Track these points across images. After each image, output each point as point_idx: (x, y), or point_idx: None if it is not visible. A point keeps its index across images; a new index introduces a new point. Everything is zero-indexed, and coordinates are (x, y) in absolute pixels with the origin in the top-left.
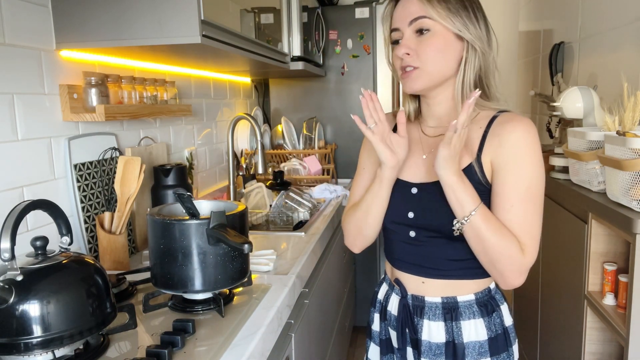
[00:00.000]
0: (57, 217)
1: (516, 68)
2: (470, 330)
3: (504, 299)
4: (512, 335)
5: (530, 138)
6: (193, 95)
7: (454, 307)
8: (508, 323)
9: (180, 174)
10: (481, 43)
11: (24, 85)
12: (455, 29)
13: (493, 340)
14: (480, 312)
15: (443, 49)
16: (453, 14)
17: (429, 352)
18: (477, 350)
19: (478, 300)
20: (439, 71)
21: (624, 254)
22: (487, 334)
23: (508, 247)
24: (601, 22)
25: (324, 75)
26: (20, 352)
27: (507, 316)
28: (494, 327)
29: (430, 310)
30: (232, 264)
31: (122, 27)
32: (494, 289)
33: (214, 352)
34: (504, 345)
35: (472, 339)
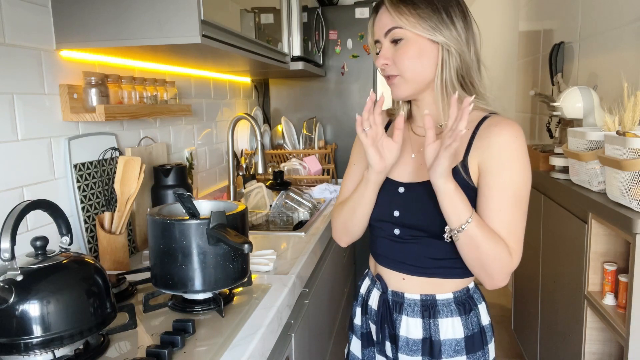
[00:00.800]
0: (57, 217)
1: (516, 68)
2: (448, 328)
3: (482, 298)
4: (489, 335)
5: (517, 142)
6: (193, 95)
7: (433, 304)
8: (485, 322)
9: (180, 174)
10: (457, 44)
11: (24, 85)
12: (427, 35)
13: (469, 339)
14: (458, 311)
15: (418, 55)
16: (423, 19)
17: (406, 348)
18: (453, 347)
19: (456, 299)
20: (418, 77)
21: (624, 254)
22: (463, 332)
23: (499, 251)
24: (601, 22)
25: (324, 75)
26: (20, 352)
27: (484, 315)
28: (471, 326)
29: (409, 307)
30: (232, 264)
31: (122, 27)
32: (473, 289)
33: (214, 352)
34: (479, 344)
35: (448, 336)
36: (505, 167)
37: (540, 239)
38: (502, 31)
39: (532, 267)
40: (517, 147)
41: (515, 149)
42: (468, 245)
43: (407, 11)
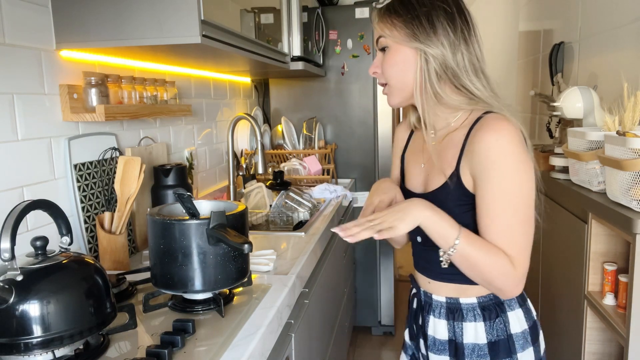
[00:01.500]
0: (57, 217)
1: (516, 68)
2: (471, 332)
3: (519, 305)
4: (520, 343)
5: (500, 146)
6: (193, 95)
7: (457, 308)
8: (515, 330)
9: (180, 174)
10: (436, 50)
11: (24, 85)
12: (404, 42)
13: (493, 345)
14: (482, 316)
15: (399, 63)
16: (400, 28)
17: (434, 347)
18: (476, 352)
19: (481, 304)
20: (402, 84)
21: (624, 254)
22: (486, 337)
23: (499, 265)
24: (601, 22)
25: (324, 75)
26: (20, 352)
27: (515, 323)
28: (496, 332)
29: (436, 308)
30: (232, 264)
31: (122, 27)
32: None
33: (214, 352)
34: (506, 352)
35: (471, 340)
36: (491, 174)
37: (540, 239)
38: (502, 31)
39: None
40: (501, 150)
41: (499, 152)
42: (464, 264)
43: (388, 20)
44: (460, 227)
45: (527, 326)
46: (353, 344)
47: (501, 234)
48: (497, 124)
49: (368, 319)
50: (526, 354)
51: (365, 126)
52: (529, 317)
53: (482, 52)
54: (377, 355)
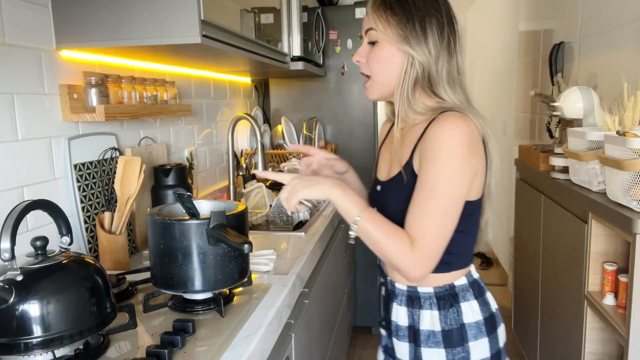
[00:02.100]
0: (57, 217)
1: (516, 68)
2: (427, 319)
3: (475, 297)
4: (472, 332)
5: (448, 137)
6: (193, 95)
7: (416, 295)
8: (468, 320)
9: (180, 174)
10: (423, 57)
11: (24, 85)
12: (395, 43)
13: (447, 333)
14: (437, 305)
15: (386, 60)
16: (395, 27)
17: (397, 334)
18: (431, 339)
19: (436, 293)
20: (385, 81)
21: (624, 254)
22: (441, 325)
23: (395, 243)
24: (601, 22)
25: (324, 75)
26: (20, 352)
27: (468, 313)
28: (449, 322)
29: (399, 295)
30: (232, 264)
31: (122, 27)
32: (461, 287)
33: (214, 352)
34: (459, 340)
35: (427, 327)
36: (429, 162)
37: (540, 239)
38: (502, 31)
39: (532, 267)
40: (443, 142)
41: (441, 143)
42: (366, 240)
43: (383, 15)
44: (366, 208)
45: (482, 317)
46: (353, 344)
47: (415, 217)
48: (450, 119)
49: (368, 319)
50: (479, 344)
51: (365, 126)
52: (485, 309)
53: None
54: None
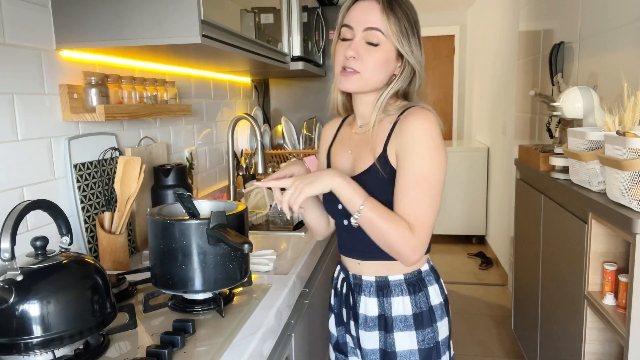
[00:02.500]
0: (57, 217)
1: (516, 68)
2: (399, 306)
3: (436, 281)
4: (438, 313)
5: (424, 129)
6: (193, 95)
7: (386, 285)
8: (434, 302)
9: (180, 174)
10: (419, 65)
11: (24, 85)
12: (402, 51)
13: (418, 316)
14: (408, 291)
15: (384, 64)
16: (404, 36)
17: (365, 325)
18: (403, 322)
19: (407, 280)
20: (374, 81)
21: (624, 254)
22: (412, 309)
23: (397, 229)
24: (601, 22)
25: (324, 75)
26: (20, 352)
27: (434, 296)
28: (420, 305)
29: (366, 288)
30: (232, 264)
31: (122, 27)
32: (425, 272)
33: (214, 352)
34: (428, 321)
35: (399, 313)
36: (412, 153)
37: (540, 239)
38: (502, 31)
39: (532, 267)
40: (423, 134)
41: (422, 136)
42: (368, 228)
43: (394, 22)
44: (367, 196)
45: (442, 299)
46: None
47: (407, 205)
48: (423, 112)
49: None
50: (443, 323)
51: None
52: (442, 291)
53: None
54: None
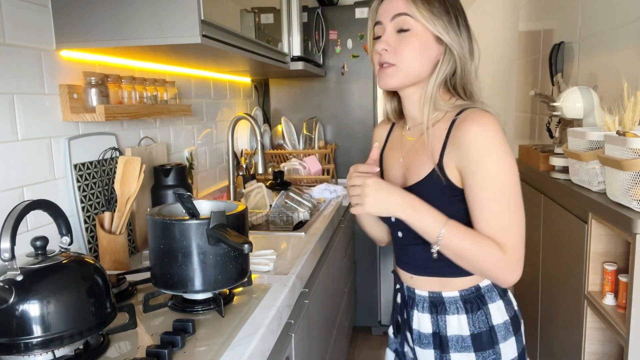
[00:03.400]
0: (57, 217)
1: (516, 68)
2: (454, 325)
3: (500, 297)
4: (502, 334)
5: (485, 136)
6: (193, 95)
7: (440, 301)
8: (496, 322)
9: (180, 174)
10: (460, 48)
11: (24, 85)
12: (435, 31)
13: (476, 337)
14: (465, 309)
15: (421, 50)
16: (435, 16)
17: (419, 341)
18: (460, 344)
19: (463, 297)
20: (414, 71)
21: (624, 254)
22: (469, 329)
23: (486, 252)
24: (601, 22)
25: (324, 75)
26: (20, 352)
27: (496, 315)
28: (478, 324)
29: (420, 303)
30: (232, 264)
31: (122, 27)
32: (486, 287)
33: (214, 352)
34: (488, 343)
35: (455, 332)
36: (478, 165)
37: (540, 239)
38: (502, 31)
39: (532, 267)
40: (486, 142)
41: (484, 143)
42: (452, 255)
43: (421, 3)
44: (446, 220)
45: (509, 317)
46: (353, 344)
47: (491, 223)
48: (481, 116)
49: (368, 319)
50: (508, 344)
51: (365, 126)
52: (509, 308)
53: None
54: (377, 355)
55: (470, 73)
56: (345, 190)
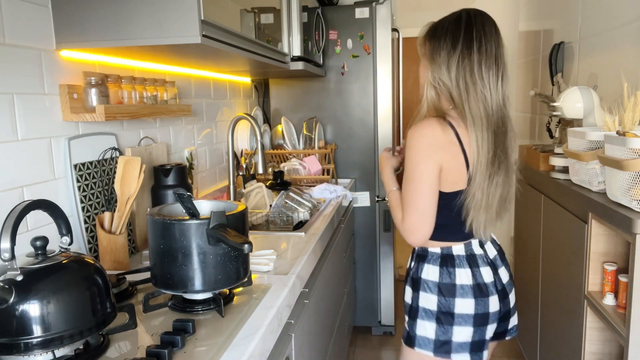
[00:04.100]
0: (57, 217)
1: (516, 68)
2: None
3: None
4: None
5: (410, 139)
6: (193, 95)
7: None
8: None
9: (180, 174)
10: (432, 79)
11: (24, 85)
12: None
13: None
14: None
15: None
16: (425, 56)
17: None
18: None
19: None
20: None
21: (624, 254)
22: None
23: (395, 216)
24: (601, 22)
25: (324, 75)
26: (20, 352)
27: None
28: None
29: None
30: (232, 264)
31: (122, 27)
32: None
33: (214, 352)
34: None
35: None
36: (406, 158)
37: (540, 239)
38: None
39: (532, 267)
40: (409, 143)
41: (409, 144)
42: (390, 208)
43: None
44: (393, 190)
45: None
46: (353, 344)
47: (402, 199)
48: (420, 124)
49: (368, 319)
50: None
51: (365, 126)
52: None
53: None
54: (377, 355)
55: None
56: (344, 190)
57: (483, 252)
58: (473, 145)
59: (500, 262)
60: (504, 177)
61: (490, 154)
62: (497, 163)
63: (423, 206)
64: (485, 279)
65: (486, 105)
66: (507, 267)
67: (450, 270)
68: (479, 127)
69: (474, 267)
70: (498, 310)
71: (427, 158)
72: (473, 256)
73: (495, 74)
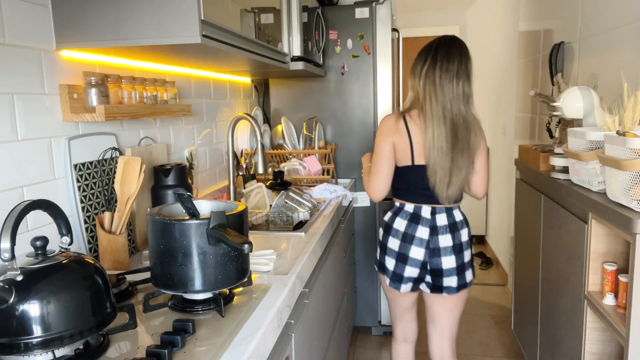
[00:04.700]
0: (57, 217)
1: (516, 68)
2: None
3: (393, 212)
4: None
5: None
6: (193, 95)
7: None
8: (387, 219)
9: (180, 174)
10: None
11: (24, 85)
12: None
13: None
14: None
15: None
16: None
17: None
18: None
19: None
20: None
21: (624, 254)
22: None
23: (364, 181)
24: (601, 22)
25: (324, 75)
26: (20, 352)
27: (387, 216)
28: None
29: None
30: (232, 264)
31: (122, 27)
32: (393, 208)
33: (214, 352)
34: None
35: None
36: None
37: (540, 239)
38: (502, 31)
39: (532, 267)
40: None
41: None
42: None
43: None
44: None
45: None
46: (353, 344)
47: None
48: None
49: (368, 319)
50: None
51: (365, 126)
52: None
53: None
54: (377, 355)
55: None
56: (344, 190)
57: (430, 218)
58: (429, 134)
59: (447, 231)
60: (467, 161)
61: (449, 142)
62: (460, 150)
63: (381, 169)
64: (417, 233)
65: (444, 106)
66: (456, 238)
67: (396, 218)
68: (437, 121)
69: (413, 222)
70: (421, 260)
71: (385, 137)
72: (417, 215)
73: (455, 85)
